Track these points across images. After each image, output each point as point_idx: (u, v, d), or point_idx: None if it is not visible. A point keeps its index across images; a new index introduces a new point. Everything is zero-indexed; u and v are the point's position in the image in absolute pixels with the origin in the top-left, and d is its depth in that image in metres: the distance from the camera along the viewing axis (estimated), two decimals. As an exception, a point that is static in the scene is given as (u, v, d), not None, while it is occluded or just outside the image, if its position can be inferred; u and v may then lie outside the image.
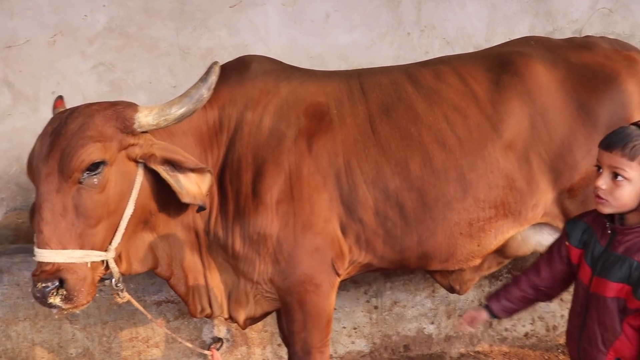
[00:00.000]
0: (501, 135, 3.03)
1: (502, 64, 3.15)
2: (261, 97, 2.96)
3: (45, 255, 2.39)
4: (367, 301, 4.14)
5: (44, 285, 2.37)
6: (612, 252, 2.18)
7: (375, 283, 4.12)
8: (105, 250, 2.55)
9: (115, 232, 2.57)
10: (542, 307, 4.38)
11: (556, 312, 4.44)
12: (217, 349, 3.74)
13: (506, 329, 4.40)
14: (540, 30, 4.99)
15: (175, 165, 2.59)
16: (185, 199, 2.61)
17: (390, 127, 2.99)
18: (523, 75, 3.08)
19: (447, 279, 3.45)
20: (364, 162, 2.95)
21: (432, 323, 4.28)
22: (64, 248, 2.40)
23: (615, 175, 2.07)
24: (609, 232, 2.21)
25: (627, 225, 2.15)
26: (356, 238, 3.02)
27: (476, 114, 3.04)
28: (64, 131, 2.43)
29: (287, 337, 3.24)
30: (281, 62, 3.21)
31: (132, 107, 2.58)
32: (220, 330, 3.88)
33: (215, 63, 2.61)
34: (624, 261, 2.12)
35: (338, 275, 3.05)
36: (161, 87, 4.39)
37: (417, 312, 4.24)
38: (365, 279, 4.09)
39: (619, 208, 2.12)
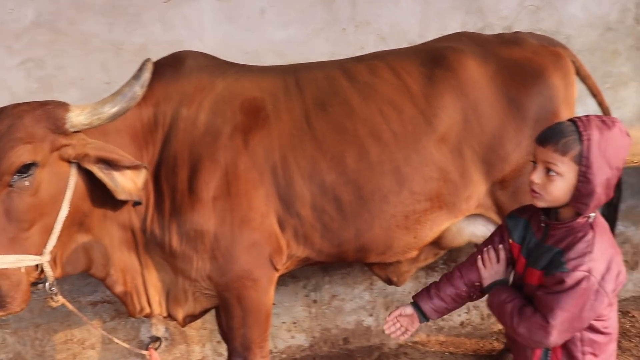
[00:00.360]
0: (435, 129, 3.07)
1: (435, 59, 3.20)
2: (196, 94, 2.92)
3: None
4: (306, 295, 4.16)
5: None
6: (544, 245, 2.25)
7: (314, 277, 4.14)
8: (40, 254, 2.48)
9: (50, 235, 2.50)
10: (476, 296, 4.53)
11: None
12: (156, 349, 3.70)
13: (442, 319, 4.45)
14: (472, 26, 5.08)
15: (110, 163, 2.54)
16: (122, 196, 2.56)
17: (326, 122, 3.00)
18: (455, 70, 3.13)
19: (385, 271, 3.49)
20: (300, 156, 2.95)
21: (371, 315, 4.34)
22: None
23: (548, 170, 2.11)
24: (543, 225, 2.28)
25: (560, 219, 2.21)
26: (294, 232, 3.02)
27: (410, 108, 3.07)
28: None
29: (227, 334, 3.22)
30: (216, 58, 3.18)
31: (63, 106, 2.50)
32: (159, 329, 3.85)
33: (148, 60, 2.56)
34: (550, 251, 2.19)
35: (276, 270, 3.05)
36: (93, 84, 4.29)
37: (355, 305, 4.28)
38: (303, 274, 4.10)
39: (552, 202, 2.17)
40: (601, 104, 3.61)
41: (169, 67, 2.95)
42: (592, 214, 2.16)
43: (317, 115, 3.01)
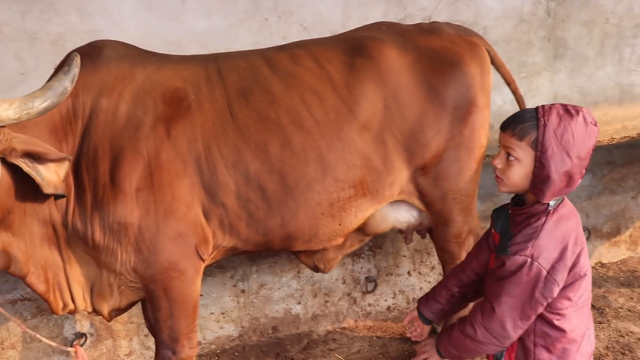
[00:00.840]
0: (357, 117, 3.11)
1: (356, 48, 3.23)
2: (116, 84, 2.87)
3: None
4: (234, 285, 4.16)
5: None
6: (509, 231, 2.32)
7: (241, 267, 4.14)
8: None
9: None
10: (401, 281, 4.61)
11: (415, 285, 4.66)
12: (81, 345, 3.66)
13: (370, 304, 4.57)
14: (393, 16, 5.16)
15: (35, 157, 2.48)
16: (48, 190, 2.50)
17: (249, 111, 2.99)
18: (376, 59, 3.17)
19: (312, 259, 3.52)
20: (224, 146, 2.94)
21: (299, 303, 4.37)
22: None
23: (508, 155, 2.19)
24: (509, 211, 2.38)
25: (524, 205, 2.28)
26: (219, 222, 3.02)
27: (332, 97, 3.10)
28: None
29: (154, 326, 3.18)
30: (136, 47, 3.13)
31: None
32: (83, 325, 3.79)
33: (76, 54, 2.51)
34: (508, 236, 2.28)
35: (202, 260, 3.04)
36: (7, 75, 4.18)
37: (283, 293, 4.31)
38: (231, 264, 4.10)
39: (512, 187, 2.25)
40: (515, 92, 3.72)
41: (87, 57, 2.85)
42: (552, 202, 2.20)
43: (240, 104, 3.00)
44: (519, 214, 2.27)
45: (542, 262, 2.10)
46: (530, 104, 5.84)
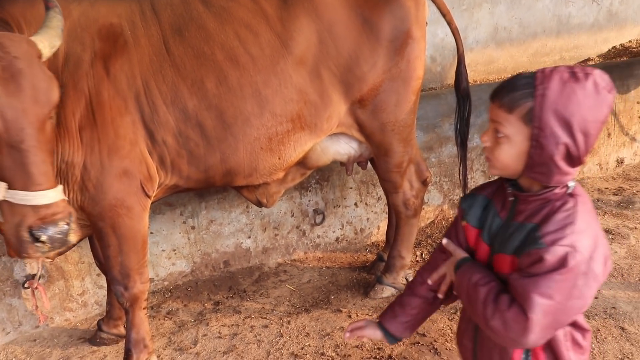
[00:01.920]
0: (292, 52, 3.11)
1: None
2: None
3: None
4: (184, 222, 4.18)
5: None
6: (512, 223, 1.82)
7: (190, 204, 4.16)
8: None
9: None
10: (349, 212, 4.69)
11: (362, 216, 4.76)
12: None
13: (318, 236, 4.66)
14: None
15: None
16: None
17: (184, 47, 2.97)
18: None
19: (254, 194, 3.56)
20: (162, 83, 2.92)
21: (249, 237, 4.43)
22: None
23: (497, 131, 1.73)
24: (511, 199, 1.85)
25: (527, 192, 1.80)
26: (161, 160, 3.03)
27: (267, 32, 3.08)
28: None
29: (104, 264, 3.20)
30: None
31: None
32: (33, 267, 3.78)
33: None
34: (523, 229, 1.76)
35: (148, 197, 3.04)
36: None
37: (233, 228, 4.36)
38: (179, 201, 4.11)
39: (502, 170, 1.80)
40: (450, 23, 3.72)
41: None
42: (571, 183, 1.75)
43: (175, 40, 2.97)
44: (530, 201, 1.78)
45: (583, 251, 1.63)
46: (471, 36, 5.95)
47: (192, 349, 3.57)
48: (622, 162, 5.99)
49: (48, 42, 2.46)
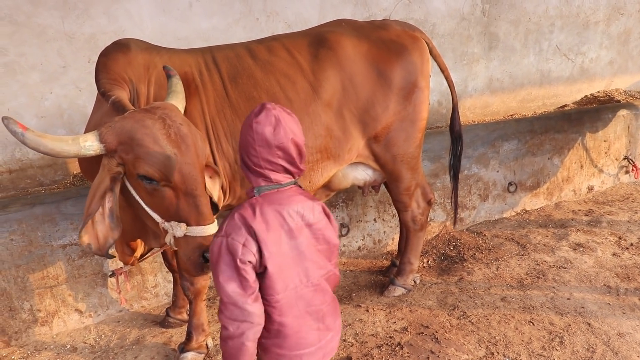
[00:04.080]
0: (321, 97, 3.13)
1: (319, 40, 3.22)
2: (145, 72, 2.86)
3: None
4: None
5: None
6: None
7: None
8: None
9: None
10: (369, 226, 4.66)
11: (380, 229, 4.73)
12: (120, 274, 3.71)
13: (344, 245, 4.63)
14: (359, 16, 5.15)
15: None
16: None
17: (239, 92, 2.99)
18: (335, 50, 3.18)
19: None
20: (224, 120, 2.95)
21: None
22: None
23: None
24: None
25: None
26: (222, 185, 3.01)
27: (301, 80, 3.10)
28: None
29: (177, 265, 3.27)
30: (148, 42, 3.11)
31: None
32: (118, 264, 3.85)
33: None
34: None
35: (218, 211, 3.08)
36: (51, 68, 4.22)
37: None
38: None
39: None
40: (447, 78, 3.72)
41: (120, 53, 2.84)
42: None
43: (232, 86, 3.00)
44: None
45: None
46: (471, 85, 5.96)
47: (240, 332, 3.57)
48: (592, 189, 5.91)
49: (181, 105, 2.54)
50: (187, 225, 2.26)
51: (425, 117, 3.48)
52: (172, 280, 3.92)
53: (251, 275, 1.71)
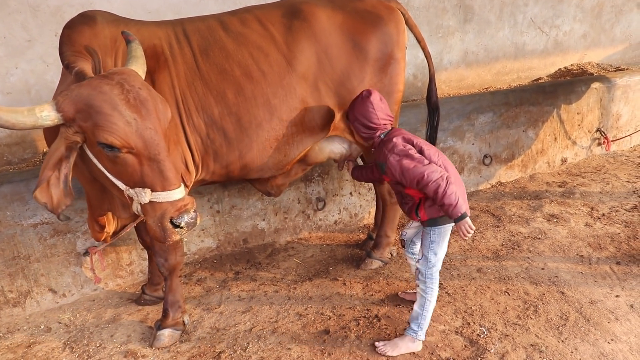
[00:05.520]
0: (295, 69, 3.08)
1: (293, 12, 3.17)
2: (112, 44, 2.78)
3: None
4: (211, 207, 4.18)
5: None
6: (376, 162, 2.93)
7: (216, 192, 4.15)
8: None
9: None
10: (345, 200, 4.67)
11: (356, 203, 4.73)
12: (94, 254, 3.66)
13: (320, 219, 4.63)
14: None
15: None
16: None
17: (210, 65, 2.94)
18: (309, 21, 3.13)
19: (264, 186, 3.54)
20: (194, 93, 2.90)
21: (264, 220, 4.42)
22: None
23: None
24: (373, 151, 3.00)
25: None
26: (193, 158, 3.00)
27: (275, 53, 3.05)
28: None
29: (150, 241, 3.24)
30: (116, 15, 3.01)
31: None
32: (92, 243, 3.80)
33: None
34: (378, 164, 2.90)
35: (187, 187, 2.98)
36: (16, 42, 4.07)
37: (251, 212, 4.34)
38: (207, 190, 4.10)
39: (365, 142, 3.06)
40: (424, 49, 3.69)
41: (86, 25, 2.74)
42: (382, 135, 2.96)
43: (203, 59, 2.95)
44: (374, 150, 2.98)
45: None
46: (446, 58, 5.93)
47: (217, 309, 3.57)
48: (565, 161, 5.96)
49: (141, 70, 2.47)
50: (153, 190, 2.25)
51: (402, 89, 3.45)
52: (147, 257, 3.87)
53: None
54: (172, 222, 2.28)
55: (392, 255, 4.07)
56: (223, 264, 4.20)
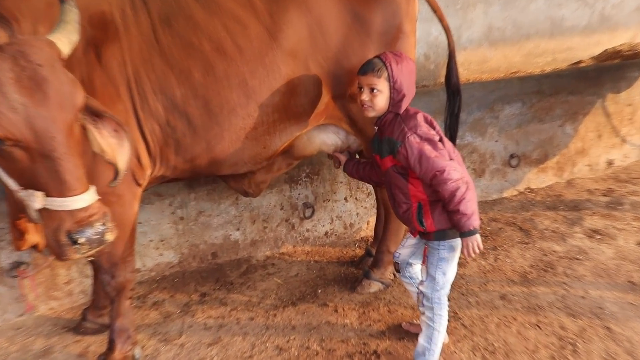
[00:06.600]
0: (280, 44, 3.08)
1: None
2: (47, 9, 2.69)
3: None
4: (173, 213, 4.14)
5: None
6: (380, 139, 2.95)
7: (179, 194, 4.11)
8: None
9: None
10: (338, 206, 4.65)
11: (352, 211, 4.72)
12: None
13: (307, 230, 4.62)
14: None
15: None
16: None
17: (172, 37, 2.92)
18: None
19: (240, 183, 3.53)
20: (151, 71, 2.88)
21: (238, 229, 4.39)
22: None
23: (372, 89, 2.84)
24: (376, 128, 3.01)
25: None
26: (149, 150, 2.99)
27: (255, 24, 3.04)
28: None
29: None
30: None
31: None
32: (21, 255, 3.73)
33: None
34: (386, 141, 2.89)
35: (139, 185, 3.00)
36: None
37: (222, 220, 4.31)
38: (169, 191, 4.07)
39: (379, 111, 2.91)
40: (441, 19, 3.69)
41: None
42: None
43: (164, 30, 2.93)
44: (383, 124, 2.96)
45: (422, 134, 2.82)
46: (465, 35, 5.89)
47: (177, 340, 3.51)
48: (611, 164, 5.95)
49: (67, 39, 2.37)
50: (47, 195, 2.19)
51: (412, 69, 3.40)
52: (90, 274, 3.81)
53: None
54: (69, 237, 2.21)
55: (395, 276, 4.03)
56: (186, 284, 4.16)
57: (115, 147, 2.52)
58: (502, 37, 6.24)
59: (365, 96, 2.89)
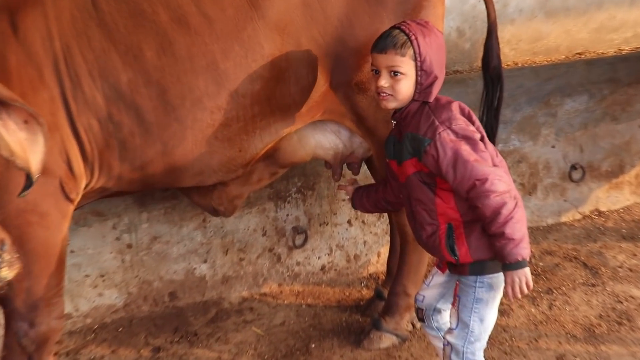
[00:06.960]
0: (264, 15, 3.09)
1: None
2: None
3: None
4: (117, 238, 4.16)
5: None
6: (399, 138, 2.95)
7: (127, 214, 4.14)
8: None
9: None
10: (340, 232, 4.69)
11: (358, 238, 4.75)
12: None
13: (298, 263, 4.65)
14: None
15: None
16: None
17: (117, 3, 2.93)
18: None
19: (208, 199, 3.56)
20: (87, 48, 2.89)
21: (205, 262, 4.42)
22: None
23: (394, 72, 2.78)
24: (394, 123, 3.00)
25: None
26: (84, 153, 2.99)
27: None
28: None
29: (3, 291, 3.20)
30: None
31: None
32: None
33: None
34: (408, 139, 2.86)
35: (71, 201, 3.00)
36: None
37: (184, 248, 4.34)
38: (112, 209, 4.09)
39: (402, 101, 2.86)
40: None
41: None
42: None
43: None
44: (405, 117, 2.92)
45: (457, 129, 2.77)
46: (513, 3, 5.93)
47: (119, 411, 3.53)
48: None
49: None
50: None
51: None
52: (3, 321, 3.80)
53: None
54: None
55: (414, 326, 4.08)
56: (134, 335, 4.18)
57: (26, 144, 2.44)
58: (564, 6, 6.29)
59: (384, 81, 2.81)
